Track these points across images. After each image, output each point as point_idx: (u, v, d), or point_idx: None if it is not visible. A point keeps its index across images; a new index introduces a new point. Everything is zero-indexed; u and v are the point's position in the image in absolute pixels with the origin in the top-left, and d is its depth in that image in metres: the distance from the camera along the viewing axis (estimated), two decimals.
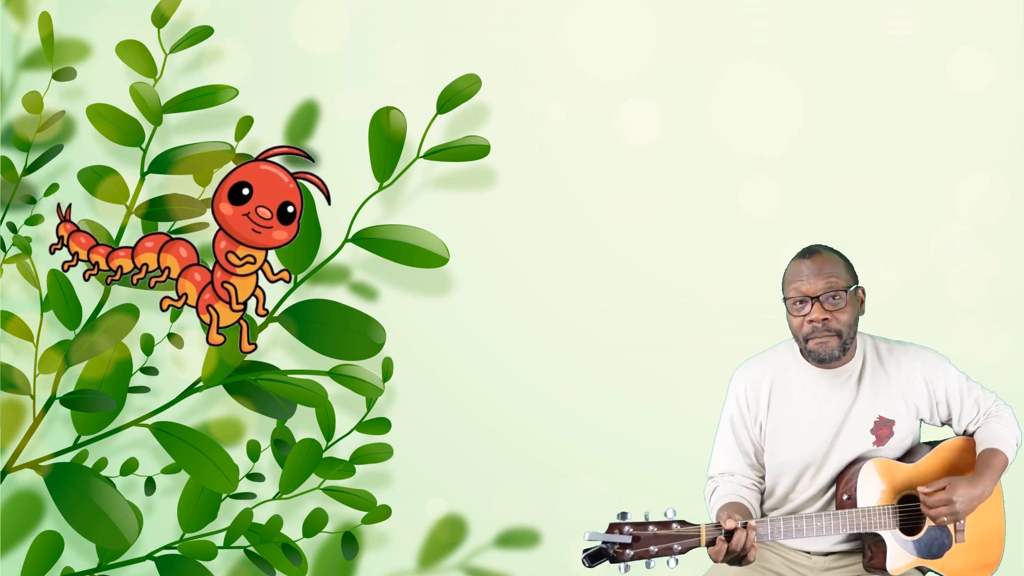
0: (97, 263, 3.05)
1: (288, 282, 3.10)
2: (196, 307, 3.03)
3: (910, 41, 3.39)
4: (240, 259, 3.02)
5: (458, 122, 3.27)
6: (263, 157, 3.02)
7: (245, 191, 2.99)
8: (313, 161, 3.06)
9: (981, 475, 2.73)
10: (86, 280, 3.08)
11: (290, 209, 3.00)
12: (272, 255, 3.22)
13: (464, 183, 3.34)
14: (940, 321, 3.32)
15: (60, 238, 3.09)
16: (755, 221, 3.40)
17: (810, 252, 2.76)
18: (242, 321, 3.06)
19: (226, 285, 3.02)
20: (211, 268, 3.04)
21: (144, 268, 3.04)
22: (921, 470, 2.78)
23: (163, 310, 3.05)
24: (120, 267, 3.04)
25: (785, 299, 2.76)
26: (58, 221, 3.10)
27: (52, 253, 3.10)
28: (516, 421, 3.44)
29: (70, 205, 3.11)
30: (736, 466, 2.84)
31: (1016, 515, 2.85)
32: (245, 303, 3.04)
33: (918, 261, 3.36)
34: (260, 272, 3.05)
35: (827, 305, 2.71)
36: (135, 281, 3.04)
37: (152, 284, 3.04)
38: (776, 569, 2.82)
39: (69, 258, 3.07)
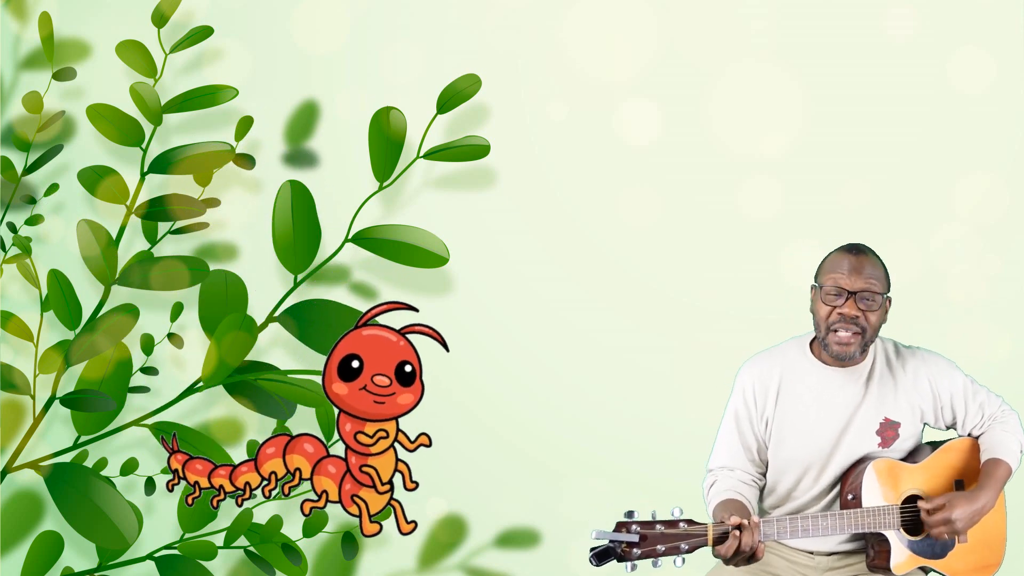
0: (222, 487, 2.80)
1: (428, 446, 2.82)
2: (340, 502, 2.78)
3: (910, 41, 3.39)
4: (371, 437, 2.76)
5: (458, 122, 3.28)
6: (363, 322, 2.75)
7: (355, 364, 2.73)
8: (417, 311, 2.77)
9: (982, 487, 2.74)
10: (214, 508, 2.83)
11: (408, 368, 2.74)
12: (273, 256, 3.23)
13: (464, 183, 3.34)
14: (940, 321, 3.32)
15: (175, 472, 2.85)
16: (755, 221, 3.39)
17: (857, 250, 2.77)
18: (393, 502, 2.79)
19: (365, 469, 2.77)
20: (344, 456, 2.79)
21: (272, 476, 2.78)
22: (925, 470, 2.78)
23: (306, 515, 2.79)
24: (247, 483, 2.78)
25: (819, 287, 2.76)
26: (167, 454, 2.86)
27: (170, 490, 2.86)
28: (516, 421, 3.43)
29: (175, 434, 2.90)
30: (736, 461, 2.84)
31: (1018, 516, 2.84)
32: (391, 481, 2.77)
33: (918, 261, 3.35)
34: (397, 444, 2.80)
35: (861, 304, 2.72)
36: (268, 493, 2.77)
37: (287, 492, 2.78)
38: (779, 570, 2.81)
39: (191, 490, 2.82)
